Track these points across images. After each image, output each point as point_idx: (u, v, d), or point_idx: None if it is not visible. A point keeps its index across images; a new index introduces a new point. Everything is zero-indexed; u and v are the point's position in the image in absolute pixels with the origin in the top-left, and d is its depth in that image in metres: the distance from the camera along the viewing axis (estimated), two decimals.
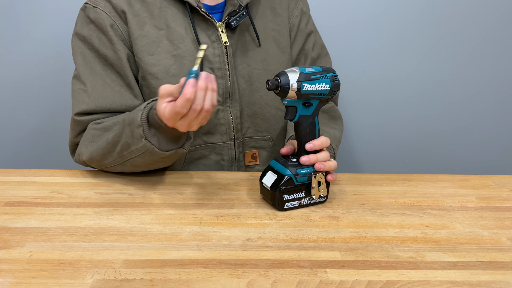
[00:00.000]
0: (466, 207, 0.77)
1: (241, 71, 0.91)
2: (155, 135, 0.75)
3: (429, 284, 0.55)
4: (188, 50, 0.87)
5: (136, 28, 0.86)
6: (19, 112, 1.35)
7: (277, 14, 0.96)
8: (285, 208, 0.73)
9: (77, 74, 0.88)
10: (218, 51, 0.88)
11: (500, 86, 1.39)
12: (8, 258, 0.58)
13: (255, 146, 0.97)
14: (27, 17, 1.27)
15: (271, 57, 0.94)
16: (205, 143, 0.92)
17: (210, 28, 0.88)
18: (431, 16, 1.32)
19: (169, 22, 0.87)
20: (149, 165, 0.81)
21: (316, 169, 0.73)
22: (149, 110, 0.75)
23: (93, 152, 0.83)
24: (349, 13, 1.32)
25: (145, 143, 0.74)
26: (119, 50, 0.86)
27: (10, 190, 0.78)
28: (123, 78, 0.87)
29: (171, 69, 0.87)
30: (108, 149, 0.81)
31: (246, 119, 0.94)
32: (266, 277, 0.55)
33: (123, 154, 0.79)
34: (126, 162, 0.80)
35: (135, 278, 0.54)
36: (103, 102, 0.85)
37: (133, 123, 0.75)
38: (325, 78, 0.70)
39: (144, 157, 0.77)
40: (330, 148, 0.87)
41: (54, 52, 1.30)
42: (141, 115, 0.74)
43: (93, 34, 0.87)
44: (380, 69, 1.36)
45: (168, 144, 0.77)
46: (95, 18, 0.86)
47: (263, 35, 0.93)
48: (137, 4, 0.87)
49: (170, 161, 0.82)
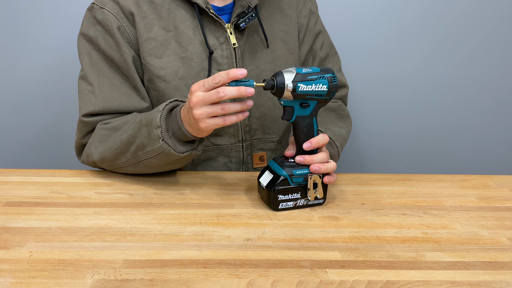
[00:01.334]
0: (466, 207, 0.77)
1: (250, 73, 0.91)
2: (171, 137, 0.75)
3: (429, 284, 0.55)
4: (196, 52, 0.87)
5: (144, 31, 0.86)
6: (20, 112, 1.35)
7: (285, 15, 0.96)
8: (280, 209, 0.73)
9: (84, 74, 0.88)
10: (227, 53, 0.88)
11: (500, 86, 1.39)
12: (8, 258, 0.58)
13: (263, 148, 0.96)
14: (29, 17, 1.27)
15: (280, 58, 0.94)
16: (213, 145, 0.92)
17: (218, 30, 0.88)
18: (432, 16, 1.32)
19: (178, 23, 0.87)
20: (162, 166, 0.81)
21: (311, 171, 0.72)
22: (167, 112, 0.76)
23: (105, 152, 0.82)
24: (349, 13, 1.32)
25: (162, 144, 0.74)
26: (125, 53, 0.85)
27: (10, 190, 0.78)
28: (129, 80, 0.87)
29: (179, 72, 0.87)
30: (122, 149, 0.80)
31: (254, 121, 0.94)
32: (266, 277, 0.55)
33: (137, 154, 0.79)
34: (139, 163, 0.80)
35: (135, 278, 0.54)
36: (111, 104, 0.85)
37: (151, 124, 0.75)
38: (322, 79, 0.70)
39: (159, 158, 0.77)
40: (334, 147, 0.86)
41: (55, 53, 1.30)
42: (160, 116, 0.74)
43: (100, 35, 0.86)
44: (380, 69, 1.36)
45: (184, 146, 0.77)
46: (102, 19, 0.85)
47: (271, 36, 0.93)
48: (145, 5, 0.86)
49: (183, 163, 0.82)
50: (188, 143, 0.78)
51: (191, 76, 0.87)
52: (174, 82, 0.86)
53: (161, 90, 0.87)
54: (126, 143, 0.80)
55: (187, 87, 0.86)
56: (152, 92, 0.89)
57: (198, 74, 0.87)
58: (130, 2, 0.86)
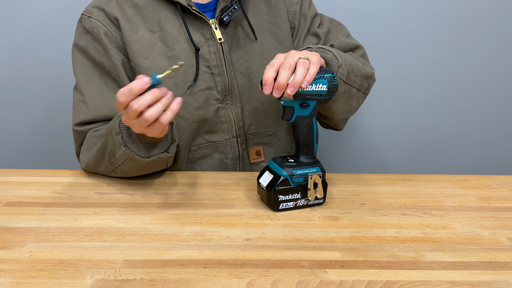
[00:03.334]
0: (466, 207, 0.77)
1: (239, 67, 0.91)
2: (135, 142, 0.75)
3: (429, 284, 0.55)
4: (183, 50, 0.87)
5: (130, 33, 0.87)
6: (20, 112, 1.35)
7: (272, 7, 0.95)
8: (280, 209, 0.73)
9: (76, 85, 0.89)
10: (214, 49, 0.88)
11: (500, 86, 1.39)
12: (8, 258, 0.58)
13: (259, 142, 0.96)
14: (29, 18, 1.27)
15: (269, 51, 0.93)
16: (207, 142, 0.92)
17: (203, 26, 0.88)
18: (433, 17, 1.32)
19: (162, 24, 0.87)
20: (138, 171, 0.81)
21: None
22: None
23: (89, 160, 0.84)
24: (349, 12, 1.32)
25: (125, 150, 0.75)
26: (114, 57, 0.86)
27: (10, 190, 0.78)
28: (119, 84, 0.87)
29: None
30: (99, 156, 0.81)
31: (248, 116, 0.93)
32: (266, 277, 0.55)
33: (111, 161, 0.79)
34: (116, 169, 0.80)
35: (135, 278, 0.54)
36: (101, 111, 0.86)
37: (113, 130, 0.75)
38: (322, 79, 0.70)
39: (128, 164, 0.77)
40: (328, 52, 0.78)
41: (55, 52, 1.30)
42: (119, 122, 0.74)
43: (90, 44, 0.88)
44: (380, 69, 1.36)
45: (149, 150, 0.77)
46: (90, 27, 0.87)
47: (258, 29, 0.92)
48: (129, 10, 0.87)
49: (159, 166, 0.82)
50: (157, 145, 0.77)
51: (179, 74, 0.87)
52: (162, 81, 0.86)
53: None
54: (101, 151, 0.80)
55: (175, 86, 0.86)
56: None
57: (186, 72, 0.87)
58: (115, 8, 0.87)
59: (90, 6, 0.89)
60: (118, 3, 0.88)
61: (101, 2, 0.88)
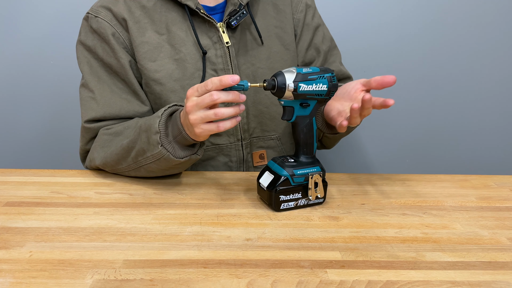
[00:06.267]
0: (466, 207, 0.77)
1: (245, 71, 0.91)
2: (171, 143, 0.76)
3: (429, 284, 0.55)
4: (190, 53, 0.87)
5: (137, 35, 0.86)
6: (20, 112, 1.35)
7: (279, 11, 0.95)
8: (281, 209, 0.73)
9: (85, 82, 0.89)
10: (221, 52, 0.88)
11: (500, 86, 1.39)
12: (8, 258, 0.58)
13: (262, 146, 0.96)
14: (29, 18, 1.27)
15: (275, 55, 0.93)
16: (212, 144, 0.92)
17: (211, 30, 0.88)
18: (433, 16, 1.32)
19: (170, 26, 0.87)
20: (163, 171, 0.81)
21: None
22: (167, 117, 0.76)
23: (107, 157, 0.83)
24: (349, 13, 1.32)
25: (161, 149, 0.75)
26: (121, 58, 0.86)
27: (10, 190, 0.78)
28: (128, 85, 0.88)
29: (174, 74, 0.87)
30: (123, 154, 0.81)
31: (253, 119, 0.93)
32: (266, 277, 0.55)
33: (137, 159, 0.79)
34: (140, 168, 0.80)
35: (135, 278, 0.54)
36: (112, 109, 0.86)
37: (150, 129, 0.75)
38: (322, 78, 0.70)
39: (159, 164, 0.78)
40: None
41: (55, 52, 1.30)
42: (159, 122, 0.75)
43: (97, 44, 0.87)
44: (380, 69, 1.36)
45: (183, 151, 0.77)
46: (97, 28, 0.86)
47: (265, 33, 0.93)
48: (137, 11, 0.87)
49: (184, 167, 0.82)
50: (189, 147, 0.78)
51: (186, 77, 0.87)
52: (169, 84, 0.87)
53: (157, 93, 0.88)
54: (126, 149, 0.80)
55: (182, 89, 0.87)
56: (149, 95, 0.89)
57: (193, 75, 0.87)
58: (122, 8, 0.87)
59: (97, 5, 0.88)
60: (126, 4, 0.88)
61: (108, 1, 0.88)
